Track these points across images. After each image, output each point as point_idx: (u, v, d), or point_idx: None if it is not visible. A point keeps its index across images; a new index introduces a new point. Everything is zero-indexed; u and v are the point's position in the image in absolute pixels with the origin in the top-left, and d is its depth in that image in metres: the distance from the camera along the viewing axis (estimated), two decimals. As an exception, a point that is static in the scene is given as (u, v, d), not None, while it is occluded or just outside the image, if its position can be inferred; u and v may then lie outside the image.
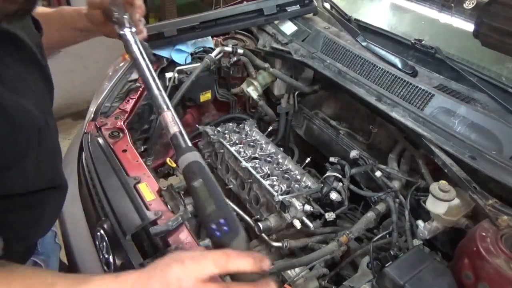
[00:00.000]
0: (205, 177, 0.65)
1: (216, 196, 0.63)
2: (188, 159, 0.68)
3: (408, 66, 1.41)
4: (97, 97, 1.52)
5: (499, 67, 1.43)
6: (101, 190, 1.12)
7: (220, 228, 0.60)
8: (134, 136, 1.53)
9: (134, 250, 0.96)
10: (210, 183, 0.64)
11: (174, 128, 0.73)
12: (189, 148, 0.70)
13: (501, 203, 0.99)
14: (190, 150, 0.69)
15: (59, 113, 3.49)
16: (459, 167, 1.09)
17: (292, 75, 1.85)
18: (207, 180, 0.65)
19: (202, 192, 0.63)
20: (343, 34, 1.68)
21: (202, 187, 0.63)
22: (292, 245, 1.26)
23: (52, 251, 1.14)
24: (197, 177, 0.64)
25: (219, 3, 4.25)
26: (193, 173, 0.65)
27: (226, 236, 0.60)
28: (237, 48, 1.75)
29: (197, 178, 0.64)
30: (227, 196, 1.46)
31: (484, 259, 0.86)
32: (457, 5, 1.54)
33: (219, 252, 0.58)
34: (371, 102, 1.37)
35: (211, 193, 0.63)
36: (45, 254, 1.08)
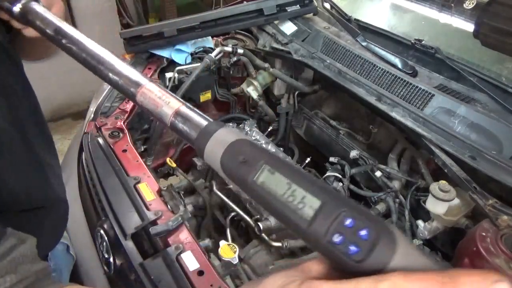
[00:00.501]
0: (270, 159, 0.37)
1: (307, 181, 0.35)
2: (225, 140, 0.40)
3: (408, 66, 1.41)
4: (97, 97, 1.52)
5: (499, 67, 1.43)
6: (101, 190, 1.12)
7: (352, 236, 0.31)
8: (134, 136, 1.53)
9: (134, 250, 0.96)
10: (282, 165, 0.36)
11: (173, 104, 0.47)
12: (216, 123, 0.43)
13: (501, 203, 0.99)
14: (219, 126, 0.42)
15: (59, 113, 3.49)
16: (459, 167, 1.09)
17: (292, 75, 1.85)
18: (276, 162, 0.37)
19: (279, 185, 0.35)
20: (343, 34, 1.68)
21: (274, 178, 0.36)
22: (292, 245, 1.26)
23: (65, 265, 1.10)
24: (256, 163, 0.37)
25: (219, 3, 4.25)
26: (244, 160, 0.38)
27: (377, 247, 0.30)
28: (237, 48, 1.75)
29: (256, 165, 0.37)
30: (227, 196, 1.46)
31: (484, 259, 0.86)
32: (457, 5, 1.54)
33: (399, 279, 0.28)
34: (371, 102, 1.37)
35: (296, 180, 0.35)
36: (57, 270, 1.04)
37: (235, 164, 0.38)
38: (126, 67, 0.53)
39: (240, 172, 0.38)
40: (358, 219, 0.31)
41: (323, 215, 0.32)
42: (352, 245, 0.30)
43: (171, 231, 0.96)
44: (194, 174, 1.69)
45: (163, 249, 0.94)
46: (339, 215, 0.32)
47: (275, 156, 0.38)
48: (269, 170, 0.36)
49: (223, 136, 0.41)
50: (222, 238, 1.31)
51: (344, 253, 0.31)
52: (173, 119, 0.46)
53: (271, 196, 0.35)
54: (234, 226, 1.47)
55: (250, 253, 1.27)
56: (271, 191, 0.35)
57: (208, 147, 0.41)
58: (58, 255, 1.05)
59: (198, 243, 0.96)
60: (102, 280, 1.09)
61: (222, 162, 0.40)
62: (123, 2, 3.83)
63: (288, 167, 0.36)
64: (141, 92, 0.50)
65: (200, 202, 1.48)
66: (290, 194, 0.34)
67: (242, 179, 0.38)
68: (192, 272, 0.87)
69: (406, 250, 0.31)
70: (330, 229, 0.32)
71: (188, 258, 0.90)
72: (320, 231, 0.32)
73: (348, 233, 0.31)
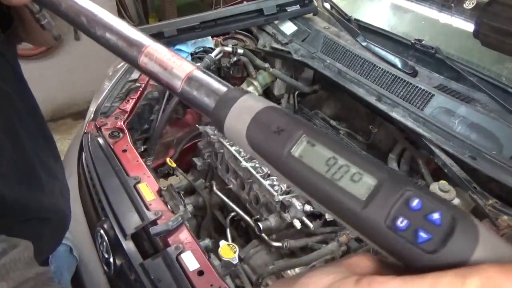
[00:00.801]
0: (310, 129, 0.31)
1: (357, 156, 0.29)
2: (252, 107, 0.34)
3: (408, 66, 1.41)
4: (97, 97, 1.52)
5: (499, 67, 1.43)
6: (101, 190, 1.12)
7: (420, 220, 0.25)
8: (134, 136, 1.53)
9: (134, 250, 0.96)
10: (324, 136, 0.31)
11: (185, 67, 0.39)
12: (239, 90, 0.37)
13: (501, 203, 0.99)
14: (243, 93, 0.36)
15: (59, 113, 3.49)
16: (459, 167, 1.09)
17: (292, 75, 1.85)
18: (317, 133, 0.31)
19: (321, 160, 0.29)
20: (343, 34, 1.68)
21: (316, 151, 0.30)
22: (292, 245, 1.26)
23: (67, 267, 1.09)
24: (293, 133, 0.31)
25: (219, 3, 4.25)
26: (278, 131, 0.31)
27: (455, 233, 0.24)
28: (237, 48, 1.75)
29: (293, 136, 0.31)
30: (227, 196, 1.46)
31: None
32: (457, 5, 1.54)
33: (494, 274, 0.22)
34: (371, 102, 1.37)
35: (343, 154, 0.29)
36: (58, 272, 1.03)
37: (266, 135, 0.32)
38: (127, 26, 0.45)
39: (272, 144, 0.31)
40: (427, 200, 0.25)
41: (382, 195, 0.26)
42: (422, 231, 0.24)
43: (171, 231, 0.96)
44: (194, 174, 1.69)
45: (163, 249, 0.94)
46: (403, 194, 0.26)
47: (314, 126, 0.32)
48: (309, 142, 0.30)
49: (249, 103, 0.34)
50: (222, 238, 1.31)
51: (411, 242, 0.25)
52: (185, 85, 0.38)
53: (312, 173, 0.29)
54: (234, 226, 1.47)
55: (250, 253, 1.27)
56: (313, 166, 0.29)
57: (230, 117, 0.35)
58: (60, 257, 1.04)
59: (198, 243, 0.96)
60: (102, 280, 1.09)
61: (249, 134, 0.33)
62: (123, 2, 3.84)
63: (332, 139, 0.30)
64: (146, 52, 0.41)
65: (200, 202, 1.48)
66: (336, 170, 0.28)
67: (275, 152, 0.31)
68: (192, 272, 0.87)
69: (490, 239, 0.24)
70: (392, 211, 0.25)
71: (188, 258, 0.90)
72: (379, 214, 0.26)
73: (416, 217, 0.25)
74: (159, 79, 0.41)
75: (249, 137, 0.33)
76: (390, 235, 0.25)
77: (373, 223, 0.26)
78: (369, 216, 0.26)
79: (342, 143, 0.30)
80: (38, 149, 0.81)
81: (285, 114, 0.33)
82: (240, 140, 0.34)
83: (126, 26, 0.45)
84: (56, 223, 0.88)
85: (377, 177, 0.27)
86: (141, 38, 0.43)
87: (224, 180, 1.53)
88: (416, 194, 0.26)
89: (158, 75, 0.41)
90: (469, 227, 0.24)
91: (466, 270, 0.23)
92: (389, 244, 0.26)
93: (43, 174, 0.83)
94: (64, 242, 1.04)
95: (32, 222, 0.79)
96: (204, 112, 0.38)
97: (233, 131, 0.34)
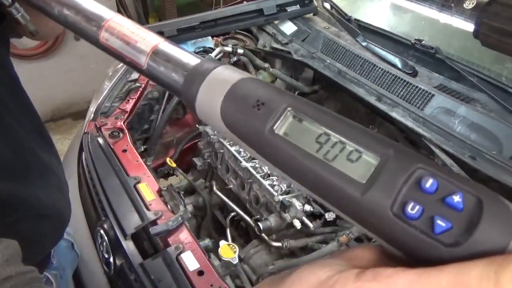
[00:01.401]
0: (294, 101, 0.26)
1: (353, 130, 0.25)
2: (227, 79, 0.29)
3: (408, 66, 1.41)
4: (97, 97, 1.52)
5: (499, 67, 1.43)
6: (101, 190, 1.12)
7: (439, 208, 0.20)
8: (134, 136, 1.53)
9: (134, 250, 0.96)
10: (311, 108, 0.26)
11: (150, 40, 0.34)
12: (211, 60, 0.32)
13: (501, 203, 0.99)
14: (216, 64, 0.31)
15: (59, 113, 3.49)
16: (459, 167, 1.09)
17: (292, 75, 1.85)
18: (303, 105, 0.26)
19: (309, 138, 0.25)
20: (343, 34, 1.68)
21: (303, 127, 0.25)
22: (292, 245, 1.26)
23: (69, 262, 1.08)
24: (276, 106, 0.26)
25: (219, 3, 4.25)
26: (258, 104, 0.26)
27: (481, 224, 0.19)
28: (237, 48, 1.75)
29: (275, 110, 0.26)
30: (227, 196, 1.46)
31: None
32: (457, 5, 1.54)
33: None
34: (371, 102, 1.37)
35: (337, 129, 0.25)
36: (60, 268, 1.01)
37: (244, 110, 0.26)
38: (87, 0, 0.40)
39: (251, 121, 0.26)
40: (445, 179, 0.20)
41: (387, 175, 0.21)
42: (440, 219, 0.19)
43: (171, 231, 0.96)
44: (194, 174, 1.69)
45: (163, 249, 0.94)
46: (413, 173, 0.20)
47: (301, 98, 0.26)
48: (295, 117, 0.25)
49: (223, 75, 0.29)
50: (222, 238, 1.31)
51: (427, 233, 0.19)
52: (150, 60, 0.33)
53: (300, 153, 0.24)
54: (234, 226, 1.47)
55: (250, 253, 1.27)
56: (301, 145, 0.24)
57: (201, 92, 0.29)
58: (62, 252, 1.04)
59: (198, 243, 0.96)
60: (102, 280, 1.09)
61: (224, 110, 0.27)
62: (123, 2, 3.83)
63: (323, 112, 0.25)
64: (107, 26, 0.36)
65: (200, 202, 1.48)
66: (329, 148, 0.23)
67: (255, 131, 0.25)
68: (192, 272, 0.87)
69: None
70: (400, 195, 0.20)
71: (188, 258, 0.90)
72: (384, 200, 0.20)
73: (431, 201, 0.20)
74: (122, 57, 0.36)
75: (224, 115, 0.27)
76: (398, 225, 0.20)
77: (377, 211, 0.21)
78: (372, 202, 0.21)
79: (336, 116, 0.25)
80: (33, 145, 0.81)
81: (266, 85, 0.27)
82: (214, 119, 0.28)
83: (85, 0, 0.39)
84: (56, 218, 0.88)
85: (379, 154, 0.22)
86: (102, 12, 0.37)
87: (224, 180, 1.53)
88: (430, 173, 0.20)
89: (122, 52, 0.36)
90: (500, 210, 0.19)
91: (502, 257, 0.18)
92: (398, 237, 0.20)
93: (38, 170, 0.82)
94: (66, 237, 1.04)
95: (32, 219, 0.79)
96: (173, 91, 0.32)
97: (206, 109, 0.29)
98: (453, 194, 0.19)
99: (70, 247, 1.10)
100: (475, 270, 0.18)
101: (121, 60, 0.37)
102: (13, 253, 0.49)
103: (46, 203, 0.83)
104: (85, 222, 1.23)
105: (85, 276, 1.16)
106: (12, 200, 0.73)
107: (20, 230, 0.75)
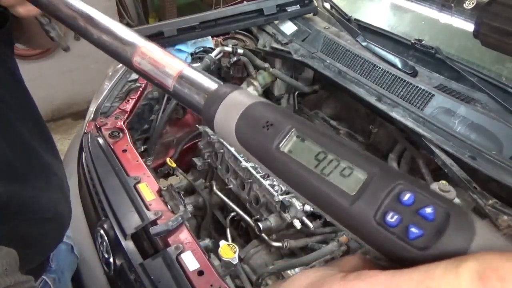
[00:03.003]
0: (299, 123, 0.31)
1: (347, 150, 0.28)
2: (241, 103, 0.33)
3: (408, 66, 1.41)
4: (97, 97, 1.52)
5: (499, 67, 1.43)
6: (101, 190, 1.12)
7: (414, 217, 0.24)
8: (134, 136, 1.53)
9: (134, 250, 0.96)
10: (313, 130, 0.30)
11: (177, 65, 0.40)
12: (228, 85, 0.37)
13: (501, 203, 0.99)
14: (233, 88, 0.36)
15: (59, 113, 3.49)
16: (459, 167, 1.09)
17: (292, 75, 1.85)
18: (307, 127, 0.30)
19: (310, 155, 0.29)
20: (343, 34, 1.68)
21: (305, 146, 0.29)
22: (292, 245, 1.26)
23: (68, 265, 1.08)
24: (282, 128, 0.30)
25: (219, 3, 4.25)
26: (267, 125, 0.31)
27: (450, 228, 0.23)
28: (237, 48, 1.75)
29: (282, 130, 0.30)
30: (227, 196, 1.46)
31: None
32: (457, 5, 1.54)
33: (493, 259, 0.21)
34: (371, 102, 1.37)
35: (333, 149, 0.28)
36: (58, 271, 1.02)
37: (255, 130, 0.31)
38: (121, 27, 0.46)
39: (261, 139, 0.31)
40: (420, 194, 0.24)
41: (372, 189, 0.25)
42: (413, 227, 0.23)
43: (171, 231, 0.96)
44: (194, 174, 1.69)
45: (163, 249, 0.94)
46: (394, 188, 0.24)
47: (305, 120, 0.31)
48: (299, 137, 0.30)
49: (238, 99, 0.34)
50: (222, 238, 1.31)
51: (402, 238, 0.23)
52: (176, 83, 0.39)
53: (301, 168, 0.28)
54: (234, 226, 1.47)
55: (250, 253, 1.27)
56: (302, 161, 0.28)
57: (219, 113, 0.34)
58: (61, 255, 1.04)
59: (198, 243, 0.96)
60: (102, 280, 1.09)
61: (238, 129, 0.32)
62: (123, 2, 3.83)
63: (322, 134, 0.29)
64: (139, 52, 0.42)
65: (200, 202, 1.48)
66: (326, 165, 0.27)
67: (263, 148, 0.30)
68: (192, 272, 0.87)
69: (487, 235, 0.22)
70: (382, 206, 0.24)
71: (188, 258, 0.90)
72: (368, 209, 0.25)
73: (407, 211, 0.24)
74: (152, 78, 0.41)
75: (238, 133, 0.33)
76: (380, 232, 0.24)
77: (362, 219, 0.25)
78: (358, 212, 0.25)
79: (333, 137, 0.29)
80: (35, 145, 0.81)
81: (274, 108, 0.32)
82: (230, 136, 0.34)
83: (120, 27, 0.46)
84: (57, 221, 0.88)
85: (367, 171, 0.26)
86: (134, 39, 0.44)
87: (224, 180, 1.53)
88: (408, 188, 0.24)
89: (151, 74, 0.41)
90: (464, 222, 0.23)
91: (461, 258, 0.22)
92: (379, 241, 0.24)
93: (40, 171, 0.82)
94: (65, 240, 1.04)
95: (33, 222, 0.79)
96: (195, 110, 0.38)
97: (223, 127, 0.34)
98: (426, 207, 0.24)
99: (70, 250, 1.10)
100: (440, 266, 0.22)
101: (150, 81, 0.42)
102: (12, 262, 0.49)
103: (47, 206, 0.83)
104: (85, 222, 1.23)
105: (85, 276, 1.16)
106: (12, 203, 0.73)
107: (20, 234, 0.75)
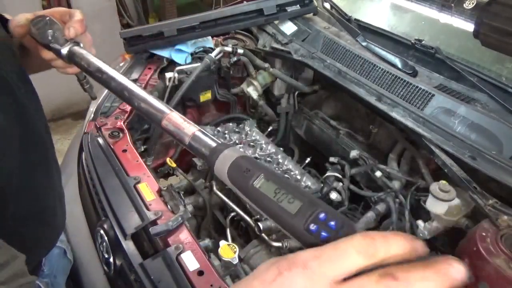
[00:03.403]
0: (266, 171, 0.49)
1: (292, 188, 0.46)
2: (231, 156, 0.53)
3: (408, 66, 1.41)
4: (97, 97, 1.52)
5: (499, 67, 1.43)
6: (101, 190, 1.12)
7: (324, 226, 0.42)
8: (134, 136, 1.52)
9: (134, 250, 0.96)
10: (274, 175, 0.49)
11: (191, 129, 0.59)
12: (223, 144, 0.56)
13: (501, 203, 0.99)
14: (226, 147, 0.54)
15: (59, 113, 3.49)
16: (459, 167, 1.09)
17: (292, 75, 1.85)
18: (270, 173, 0.49)
19: (271, 190, 0.47)
20: (343, 34, 1.67)
21: (268, 184, 0.47)
22: (292, 245, 1.26)
23: (61, 270, 1.08)
24: (255, 173, 0.49)
25: (219, 3, 4.25)
26: (246, 171, 0.50)
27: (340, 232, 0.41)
28: (237, 48, 1.75)
29: (255, 174, 0.49)
30: (227, 196, 1.46)
31: (484, 259, 0.86)
32: (457, 5, 1.54)
33: (358, 237, 0.37)
34: (371, 102, 1.37)
35: (284, 187, 0.47)
36: (51, 275, 1.01)
37: (239, 174, 0.51)
38: (153, 98, 0.67)
39: (242, 179, 0.50)
40: (329, 214, 0.42)
41: (303, 211, 0.43)
42: (324, 232, 0.41)
43: (171, 231, 0.96)
44: (194, 174, 1.69)
45: (163, 249, 0.94)
46: (315, 211, 0.43)
47: (270, 169, 0.51)
48: (265, 178, 0.48)
49: (229, 154, 0.53)
50: (222, 238, 1.31)
51: (317, 238, 0.41)
52: (190, 140, 0.59)
53: (265, 198, 0.47)
54: (234, 226, 1.47)
55: (250, 253, 1.27)
56: (266, 193, 0.47)
57: (217, 162, 0.53)
58: (53, 260, 1.04)
59: (198, 243, 0.96)
60: (102, 280, 1.09)
61: (229, 174, 0.52)
62: (123, 2, 3.84)
63: (279, 178, 0.48)
64: (167, 118, 0.63)
65: (200, 202, 1.47)
66: (279, 196, 0.46)
67: (244, 185, 0.49)
68: (192, 272, 0.87)
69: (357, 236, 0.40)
70: (308, 220, 0.43)
71: (188, 258, 0.90)
72: (301, 222, 0.43)
73: (321, 224, 0.42)
74: (174, 135, 0.61)
75: (228, 176, 0.52)
76: (307, 235, 0.42)
77: (298, 228, 0.43)
78: (296, 224, 0.43)
79: (286, 181, 0.48)
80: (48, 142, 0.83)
81: (252, 160, 0.52)
82: (224, 178, 0.53)
83: (154, 99, 0.67)
84: (52, 225, 0.88)
85: (302, 201, 0.44)
86: (164, 108, 0.64)
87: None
88: (323, 211, 0.42)
89: (174, 133, 0.61)
90: (350, 228, 0.40)
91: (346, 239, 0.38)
92: (306, 240, 0.42)
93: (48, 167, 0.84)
94: (58, 245, 1.03)
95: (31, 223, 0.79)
96: (201, 157, 0.58)
97: (219, 171, 0.53)
98: (331, 221, 0.41)
99: (63, 254, 1.09)
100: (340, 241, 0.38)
101: (173, 137, 0.62)
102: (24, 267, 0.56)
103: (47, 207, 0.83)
104: (85, 222, 1.23)
105: (85, 276, 1.16)
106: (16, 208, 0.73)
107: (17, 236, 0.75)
